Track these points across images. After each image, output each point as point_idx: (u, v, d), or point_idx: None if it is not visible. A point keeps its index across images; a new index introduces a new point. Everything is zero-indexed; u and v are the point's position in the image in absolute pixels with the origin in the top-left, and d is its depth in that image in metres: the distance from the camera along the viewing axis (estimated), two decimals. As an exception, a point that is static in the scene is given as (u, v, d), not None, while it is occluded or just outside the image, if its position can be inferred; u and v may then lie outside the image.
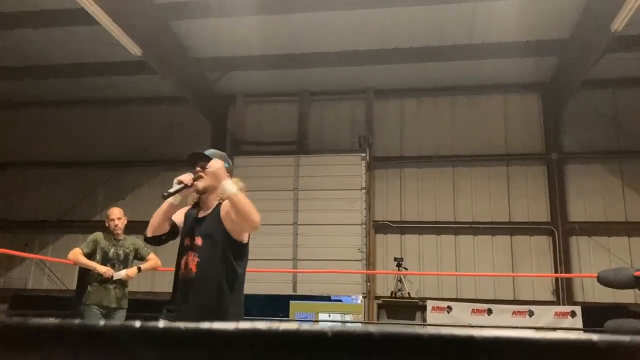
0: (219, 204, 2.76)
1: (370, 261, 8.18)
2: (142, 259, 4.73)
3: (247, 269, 2.91)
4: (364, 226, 8.12)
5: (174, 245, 2.81)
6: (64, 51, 8.07)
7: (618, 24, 5.85)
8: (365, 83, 8.89)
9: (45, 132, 9.80)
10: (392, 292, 7.94)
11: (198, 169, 2.80)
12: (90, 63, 8.40)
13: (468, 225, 8.35)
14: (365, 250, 8.05)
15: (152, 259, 4.76)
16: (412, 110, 9.01)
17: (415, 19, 7.16)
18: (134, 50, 6.66)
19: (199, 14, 7.13)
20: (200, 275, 2.63)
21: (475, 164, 8.61)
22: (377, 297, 8.09)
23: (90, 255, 4.50)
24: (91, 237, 4.61)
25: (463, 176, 8.60)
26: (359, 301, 8.11)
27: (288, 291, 8.09)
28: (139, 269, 4.60)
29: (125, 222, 4.70)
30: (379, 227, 8.51)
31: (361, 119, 8.96)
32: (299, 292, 8.09)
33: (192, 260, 2.67)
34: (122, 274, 4.47)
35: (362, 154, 8.40)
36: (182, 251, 2.74)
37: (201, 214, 2.82)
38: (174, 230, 2.83)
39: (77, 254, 4.44)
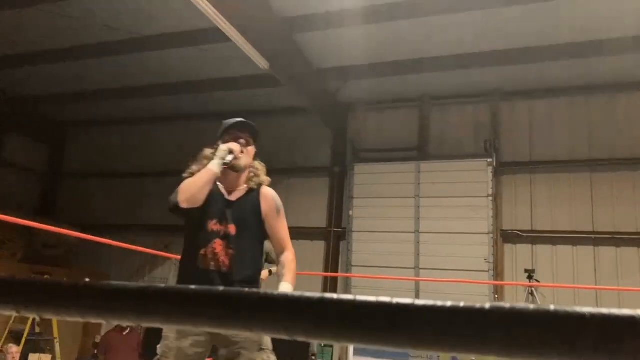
0: (255, 190, 2.51)
1: (497, 272, 7.79)
2: (272, 262, 4.93)
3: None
4: (491, 235, 7.76)
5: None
6: (197, 69, 8.71)
7: None
8: (490, 85, 8.52)
9: (179, 144, 10.63)
10: (522, 306, 7.48)
11: (242, 141, 2.52)
12: (221, 78, 8.97)
13: (609, 236, 7.63)
14: (492, 261, 7.69)
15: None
16: (543, 112, 8.46)
17: (546, 15, 6.73)
18: (262, 64, 6.99)
19: (320, 25, 7.31)
20: (237, 271, 2.34)
21: (617, 169, 7.86)
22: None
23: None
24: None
25: (602, 182, 7.88)
26: (486, 313, 7.75)
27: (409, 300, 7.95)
28: (270, 272, 4.79)
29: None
30: (508, 237, 8.07)
31: (486, 122, 8.60)
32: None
33: (225, 252, 2.35)
34: (256, 277, 4.69)
35: (488, 160, 8.05)
36: (207, 236, 2.39)
37: (231, 196, 2.50)
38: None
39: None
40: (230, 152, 2.44)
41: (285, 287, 2.36)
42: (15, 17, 7.62)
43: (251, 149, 2.61)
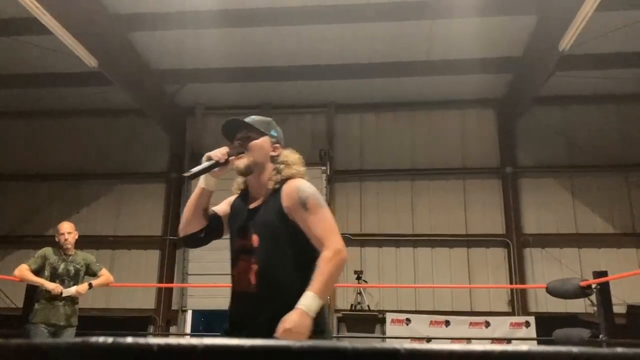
0: (277, 190, 2.09)
1: (330, 274, 8.17)
2: (94, 274, 4.61)
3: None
4: (324, 239, 8.12)
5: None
6: (16, 61, 7.86)
7: (565, 43, 6.11)
8: (327, 97, 8.96)
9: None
10: (351, 305, 7.95)
11: (237, 142, 2.18)
12: (44, 74, 8.20)
13: (426, 238, 8.47)
14: (325, 264, 8.04)
15: (104, 275, 4.64)
16: (372, 124, 9.13)
17: (376, 35, 7.28)
18: (90, 61, 6.54)
19: (158, 25, 7.06)
20: (264, 288, 1.97)
21: (433, 178, 8.77)
22: (336, 311, 8.09)
23: (38, 272, 4.36)
24: (40, 252, 4.47)
25: (421, 189, 8.73)
26: (319, 315, 8.10)
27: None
28: (90, 285, 4.48)
29: (76, 236, 4.58)
30: (339, 240, 8.52)
31: (322, 132, 9.03)
32: (259, 306, 8.00)
33: (249, 268, 2.00)
34: (71, 290, 4.35)
35: (323, 167, 8.44)
36: (234, 255, 2.09)
37: (253, 204, 2.12)
38: (216, 224, 2.18)
39: (23, 270, 4.29)
40: (209, 158, 2.10)
41: (306, 300, 1.84)
42: None
43: (256, 143, 2.15)
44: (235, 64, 8.06)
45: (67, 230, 4.48)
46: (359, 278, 7.84)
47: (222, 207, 2.23)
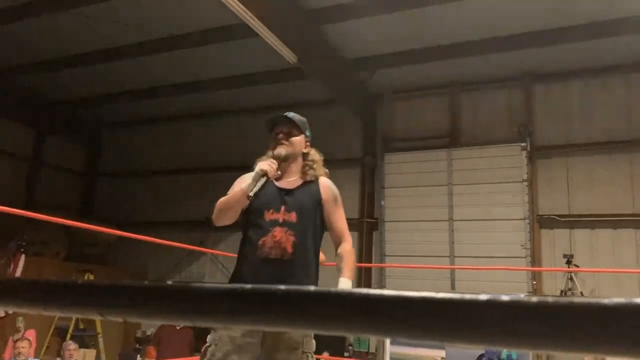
0: (314, 182, 2.55)
1: (535, 258, 7.66)
2: None
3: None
4: (527, 221, 7.63)
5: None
6: (224, 65, 8.80)
7: None
8: (522, 68, 8.34)
9: (211, 141, 10.77)
10: (561, 291, 7.35)
11: (280, 135, 2.57)
12: (248, 74, 9.04)
13: (651, 218, 7.41)
14: (529, 247, 7.56)
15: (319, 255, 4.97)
16: (578, 93, 8.24)
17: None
18: (290, 58, 7.01)
19: (346, 15, 7.28)
20: (298, 256, 2.37)
21: (658, 149, 7.61)
22: (544, 296, 7.54)
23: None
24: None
25: (643, 163, 7.65)
26: (524, 300, 7.67)
27: (446, 289, 7.91)
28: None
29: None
30: (544, 222, 7.92)
31: (519, 106, 8.44)
32: (458, 289, 7.87)
33: (286, 238, 2.38)
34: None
35: (522, 144, 7.90)
36: (265, 225, 2.42)
37: (286, 185, 2.54)
38: None
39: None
40: (262, 172, 2.40)
41: (344, 284, 2.36)
42: (51, 21, 7.84)
43: (297, 139, 2.60)
44: (419, 44, 7.94)
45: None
46: (568, 262, 7.21)
47: (241, 185, 2.51)
